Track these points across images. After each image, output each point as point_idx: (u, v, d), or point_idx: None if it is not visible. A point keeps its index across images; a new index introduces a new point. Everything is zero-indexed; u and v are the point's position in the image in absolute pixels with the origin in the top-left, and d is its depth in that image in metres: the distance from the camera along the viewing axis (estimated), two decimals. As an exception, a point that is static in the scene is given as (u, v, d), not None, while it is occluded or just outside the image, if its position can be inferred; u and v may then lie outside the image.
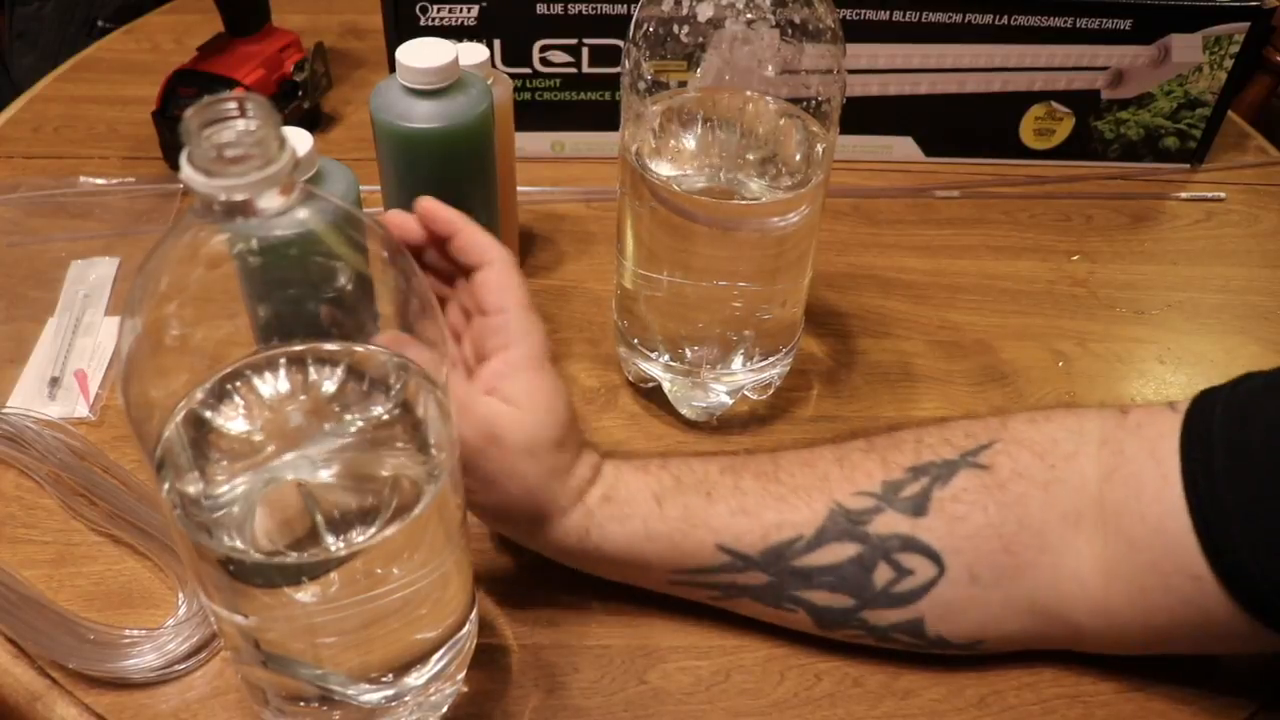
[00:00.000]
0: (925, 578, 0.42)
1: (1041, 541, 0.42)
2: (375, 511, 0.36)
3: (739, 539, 0.43)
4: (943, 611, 0.43)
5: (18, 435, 0.53)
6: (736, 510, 0.43)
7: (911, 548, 0.42)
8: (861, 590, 0.43)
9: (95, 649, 0.45)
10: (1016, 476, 0.42)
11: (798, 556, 0.42)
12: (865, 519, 0.42)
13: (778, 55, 0.48)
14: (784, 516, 0.43)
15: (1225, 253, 0.73)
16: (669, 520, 0.43)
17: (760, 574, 0.43)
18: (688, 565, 0.43)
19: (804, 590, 0.43)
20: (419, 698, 0.41)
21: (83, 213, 0.71)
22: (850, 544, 0.42)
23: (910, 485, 0.43)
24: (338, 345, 0.35)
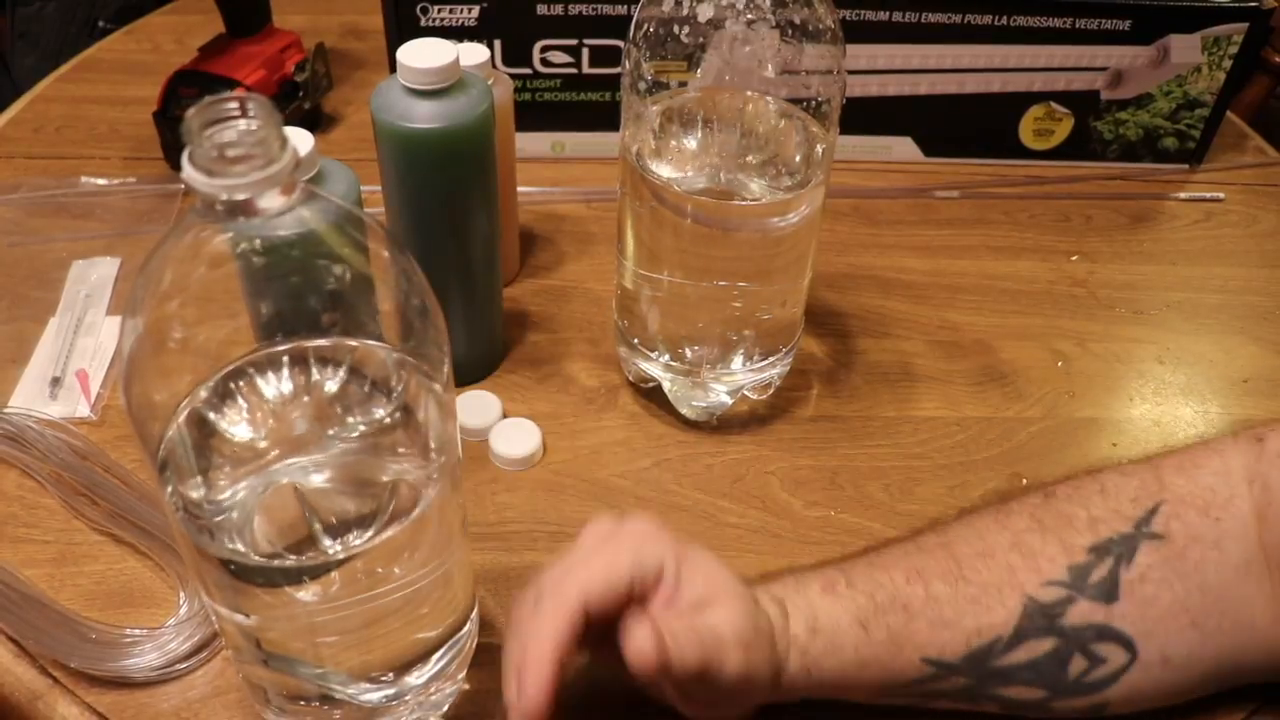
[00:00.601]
0: (1118, 665, 0.41)
1: (1222, 605, 0.41)
2: (374, 515, 0.36)
3: (943, 650, 0.42)
4: (1130, 694, 0.42)
5: (19, 435, 0.53)
6: (937, 622, 0.42)
7: (1106, 636, 0.41)
8: (1056, 682, 0.42)
9: (97, 648, 0.45)
10: (1192, 542, 0.42)
11: (998, 658, 0.42)
12: (1059, 611, 0.41)
13: (778, 56, 0.49)
14: (981, 621, 0.42)
15: (1224, 253, 0.73)
16: (876, 645, 0.42)
17: (962, 679, 0.42)
18: (896, 681, 0.42)
19: (1001, 688, 0.42)
20: (420, 697, 0.41)
21: (84, 213, 0.71)
22: (1047, 639, 0.41)
23: (1096, 569, 0.42)
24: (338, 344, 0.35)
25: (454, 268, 0.55)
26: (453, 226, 0.54)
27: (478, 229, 0.55)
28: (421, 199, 0.53)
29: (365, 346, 0.36)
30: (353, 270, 0.34)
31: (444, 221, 0.54)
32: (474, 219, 0.54)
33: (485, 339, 0.60)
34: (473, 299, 0.57)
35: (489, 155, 0.54)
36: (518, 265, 0.67)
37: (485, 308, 0.59)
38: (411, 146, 0.51)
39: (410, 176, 0.53)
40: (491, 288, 0.58)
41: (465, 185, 0.53)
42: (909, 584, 0.43)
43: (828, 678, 0.42)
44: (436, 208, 0.53)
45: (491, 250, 0.57)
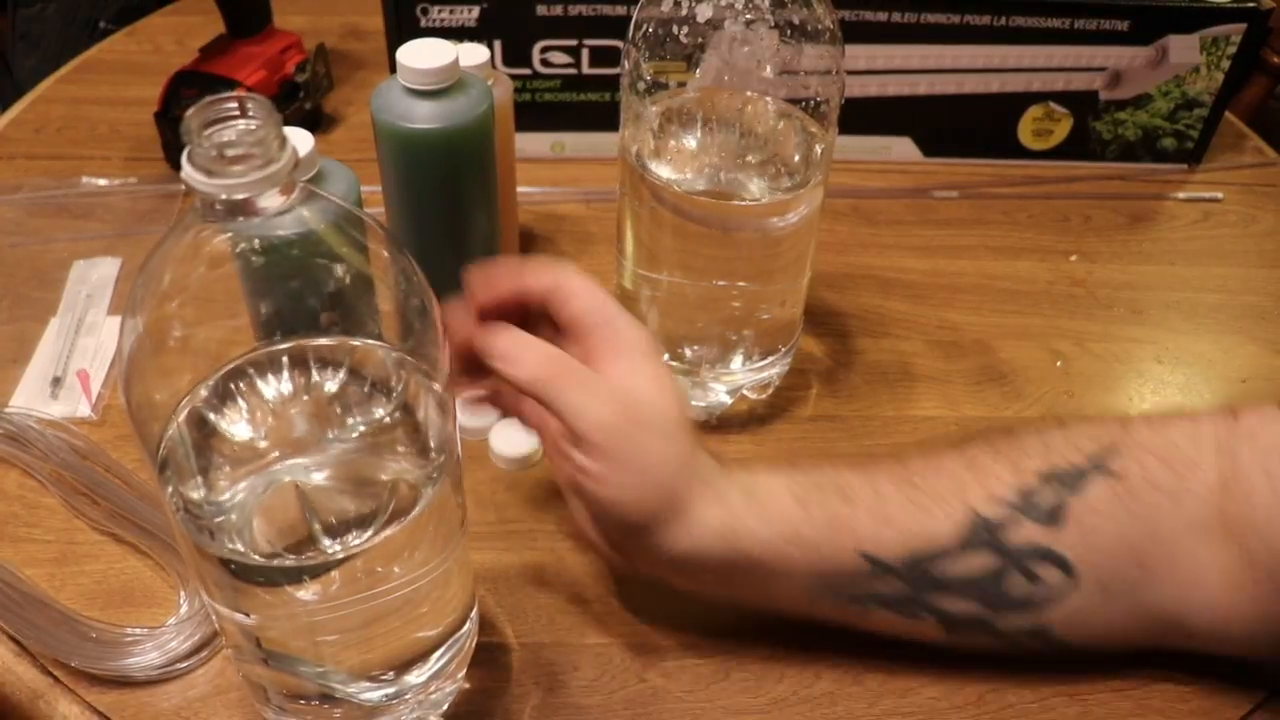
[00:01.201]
0: (1057, 587, 0.42)
1: (1172, 554, 0.41)
2: (373, 515, 0.36)
3: (882, 546, 0.42)
4: (1070, 619, 0.42)
5: (20, 435, 0.54)
6: (879, 517, 0.42)
7: (1046, 558, 0.42)
8: (994, 599, 0.42)
9: (97, 647, 0.45)
10: (1149, 486, 0.42)
11: (938, 566, 0.42)
12: (1002, 529, 0.42)
13: (777, 56, 0.49)
14: (926, 526, 0.42)
15: (1223, 253, 0.73)
16: (814, 524, 0.42)
17: (898, 582, 0.42)
18: (828, 572, 0.42)
19: (939, 598, 0.42)
20: (419, 696, 0.42)
21: (85, 213, 0.71)
22: (988, 554, 0.42)
23: (1044, 493, 0.42)
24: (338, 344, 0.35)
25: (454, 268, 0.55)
26: (453, 226, 0.54)
27: (478, 229, 0.55)
28: (421, 199, 0.53)
29: (365, 346, 0.36)
30: (353, 270, 0.34)
31: (444, 221, 0.54)
32: (474, 219, 0.55)
33: (485, 339, 0.60)
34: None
35: (489, 155, 0.54)
36: (517, 265, 0.67)
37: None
38: (411, 147, 0.51)
39: (410, 176, 0.53)
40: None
41: (465, 185, 0.53)
42: (856, 478, 0.43)
43: (753, 549, 0.41)
44: (436, 208, 0.53)
45: (491, 250, 0.57)
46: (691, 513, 0.41)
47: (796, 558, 0.42)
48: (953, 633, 0.44)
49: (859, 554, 0.42)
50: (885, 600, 0.43)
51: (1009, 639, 0.43)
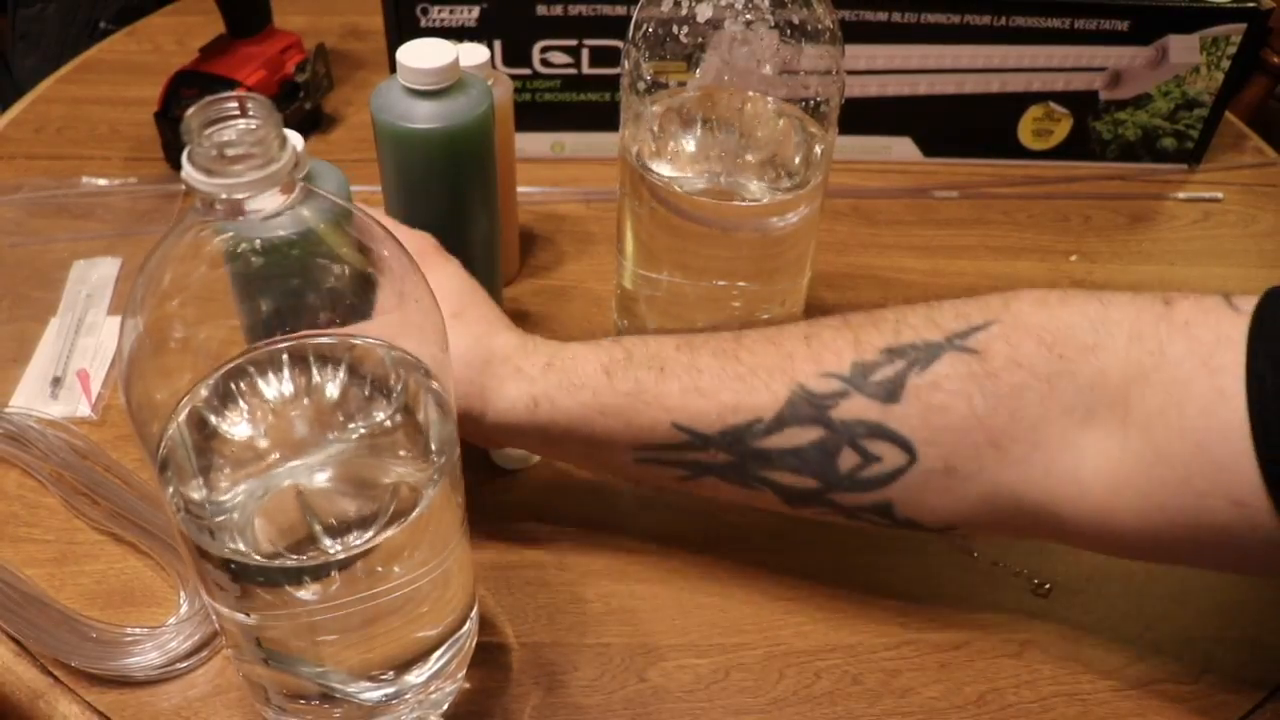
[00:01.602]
0: (893, 465, 0.40)
1: (1036, 436, 0.39)
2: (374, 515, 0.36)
3: (695, 419, 0.41)
4: (913, 497, 0.41)
5: (20, 435, 0.54)
6: (690, 389, 0.41)
7: (879, 435, 0.40)
8: (826, 474, 0.41)
9: (97, 647, 0.45)
10: (1013, 365, 0.39)
11: (757, 439, 0.41)
12: (829, 403, 0.40)
13: (776, 56, 0.49)
14: (741, 399, 0.41)
15: (1222, 253, 0.73)
16: (620, 394, 0.41)
17: (721, 453, 0.41)
18: (645, 441, 0.42)
19: (767, 471, 0.41)
20: (420, 695, 0.42)
21: (85, 213, 0.71)
22: (813, 428, 0.40)
23: (883, 368, 0.40)
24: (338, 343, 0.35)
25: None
26: (453, 226, 0.54)
27: (478, 229, 0.55)
28: (421, 199, 0.54)
29: (365, 347, 0.36)
30: (352, 270, 0.34)
31: (444, 221, 0.54)
32: (474, 219, 0.55)
33: (485, 339, 0.60)
34: (472, 299, 0.57)
35: (489, 155, 0.54)
36: (518, 265, 0.67)
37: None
38: (411, 147, 0.51)
39: (410, 176, 0.53)
40: (491, 288, 0.58)
41: (465, 185, 0.53)
42: (676, 350, 0.43)
43: (559, 419, 0.42)
44: (436, 208, 0.53)
45: (491, 250, 0.57)
46: (495, 392, 0.42)
47: (610, 427, 0.42)
48: (794, 505, 0.43)
49: (672, 425, 0.41)
50: (712, 469, 0.42)
51: (855, 516, 0.42)
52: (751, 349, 0.42)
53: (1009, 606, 0.49)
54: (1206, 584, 0.50)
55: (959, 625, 0.48)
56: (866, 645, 0.47)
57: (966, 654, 0.47)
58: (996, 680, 0.46)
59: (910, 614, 0.48)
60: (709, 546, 0.51)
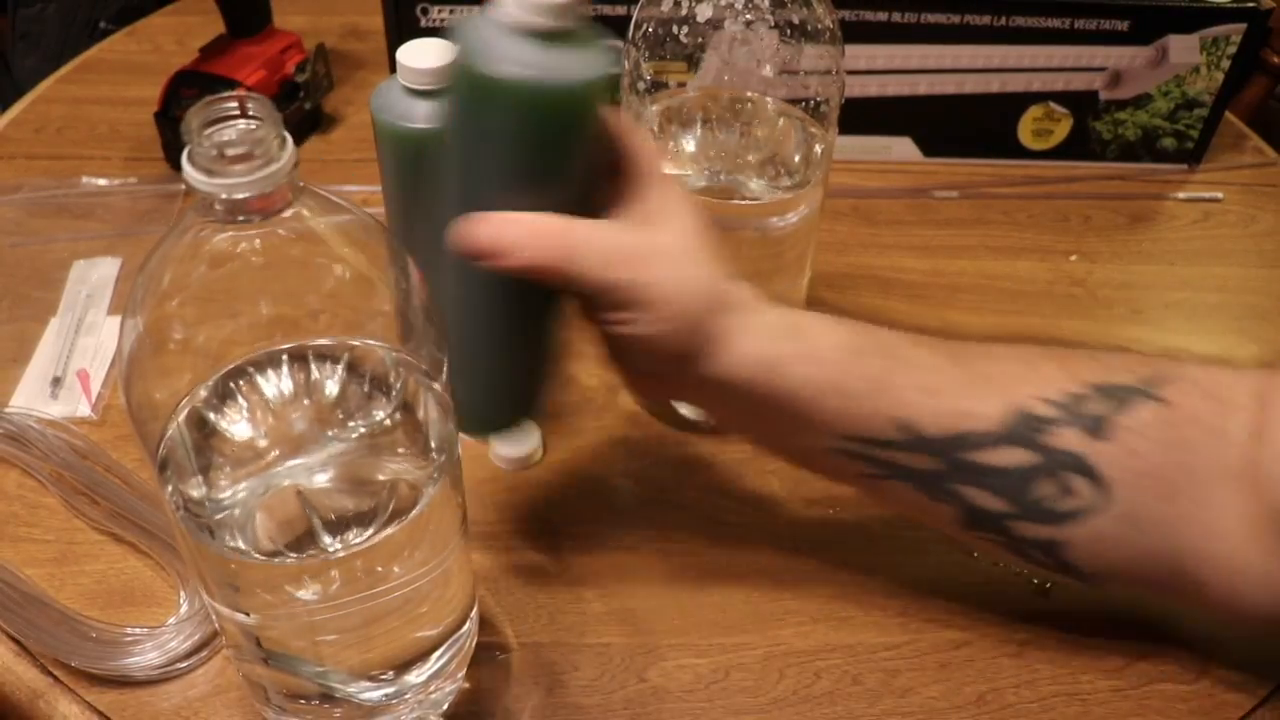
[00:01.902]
0: (1084, 503, 0.40)
1: (1202, 495, 0.39)
2: (374, 514, 0.36)
3: (920, 418, 0.40)
4: (1088, 541, 0.40)
5: (20, 434, 0.54)
6: (924, 387, 0.40)
7: (1082, 470, 0.39)
8: (1020, 499, 0.40)
9: (97, 647, 0.45)
10: (1193, 420, 0.40)
11: (973, 450, 0.40)
12: (1045, 428, 0.40)
13: (776, 56, 0.49)
14: (970, 406, 0.40)
15: (1222, 253, 0.73)
16: (857, 377, 0.40)
17: (929, 459, 0.40)
18: (860, 432, 0.40)
19: (966, 486, 0.40)
20: (419, 695, 0.42)
21: (85, 213, 0.71)
22: (1025, 451, 0.40)
23: (1092, 403, 0.40)
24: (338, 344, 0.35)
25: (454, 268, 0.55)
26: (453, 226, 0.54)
27: (477, 229, 0.55)
28: (421, 199, 0.53)
29: (365, 346, 0.36)
30: (353, 270, 0.34)
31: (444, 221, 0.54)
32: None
33: (485, 339, 0.60)
34: (472, 299, 0.57)
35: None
36: (517, 265, 0.67)
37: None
38: (411, 146, 0.51)
39: (410, 176, 0.53)
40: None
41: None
42: (912, 345, 0.41)
43: (789, 389, 0.39)
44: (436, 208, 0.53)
45: (491, 250, 0.57)
46: (728, 342, 0.39)
47: (832, 408, 0.40)
48: (968, 528, 0.42)
49: (895, 420, 0.40)
50: (912, 475, 0.41)
51: (1021, 549, 0.42)
52: (975, 357, 0.42)
53: (1009, 606, 0.49)
54: (1206, 584, 0.50)
55: (959, 625, 0.48)
56: (866, 645, 0.47)
57: (966, 654, 0.47)
58: (996, 680, 0.46)
59: (910, 614, 0.48)
60: (709, 546, 0.51)
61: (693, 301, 0.39)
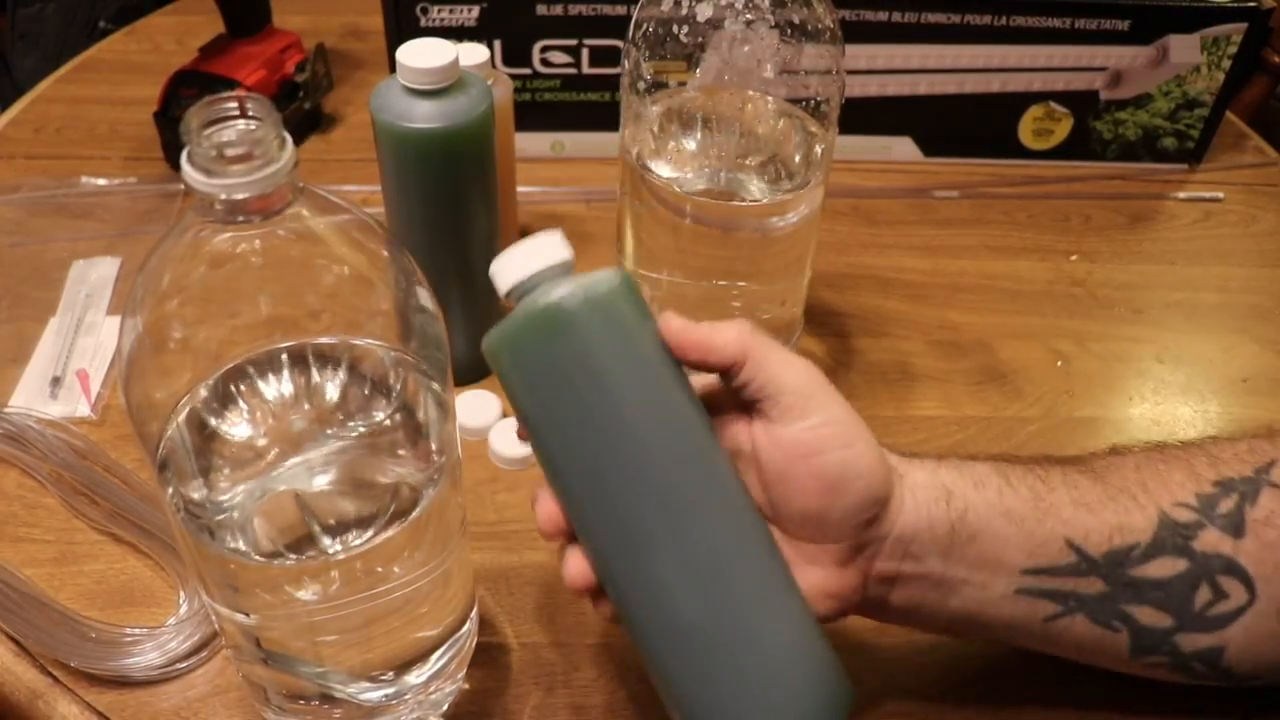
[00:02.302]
0: (1238, 604, 0.39)
1: None
2: (374, 515, 0.36)
3: (1086, 536, 0.39)
4: (1245, 642, 0.40)
5: (20, 435, 0.54)
6: (1078, 503, 0.39)
7: (1231, 571, 0.39)
8: (1182, 610, 0.40)
9: (97, 647, 0.45)
10: None
11: (1134, 565, 0.39)
12: (1191, 534, 0.39)
13: (777, 56, 0.49)
14: (1122, 519, 0.39)
15: (1223, 252, 0.73)
16: (1021, 498, 0.39)
17: (1098, 581, 0.39)
18: (1039, 562, 0.39)
19: (1133, 606, 0.40)
20: (419, 696, 0.42)
21: (84, 213, 0.71)
22: (1179, 559, 0.39)
23: (1224, 501, 0.40)
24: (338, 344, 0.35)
25: (454, 268, 0.55)
26: (453, 226, 0.54)
27: (478, 229, 0.55)
28: (421, 199, 0.53)
29: (365, 347, 0.36)
30: (353, 270, 0.34)
31: (444, 221, 0.54)
32: (474, 219, 0.55)
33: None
34: (473, 299, 0.57)
35: (489, 155, 0.54)
36: (517, 265, 0.67)
37: (485, 308, 0.59)
38: (411, 146, 0.51)
39: (410, 176, 0.53)
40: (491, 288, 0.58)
41: (465, 185, 0.53)
42: (1042, 467, 0.40)
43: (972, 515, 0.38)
44: (436, 208, 0.53)
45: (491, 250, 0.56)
46: (906, 485, 0.38)
47: (1011, 537, 0.38)
48: (1138, 654, 0.41)
49: (1066, 541, 0.39)
50: (1085, 604, 0.40)
51: (1184, 663, 0.41)
52: (1106, 470, 0.41)
53: (1009, 607, 0.49)
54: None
55: (959, 625, 0.48)
56: (867, 646, 0.47)
57: (966, 654, 0.47)
58: (996, 680, 0.46)
59: (910, 614, 0.48)
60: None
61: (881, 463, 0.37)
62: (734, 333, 0.36)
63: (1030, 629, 0.40)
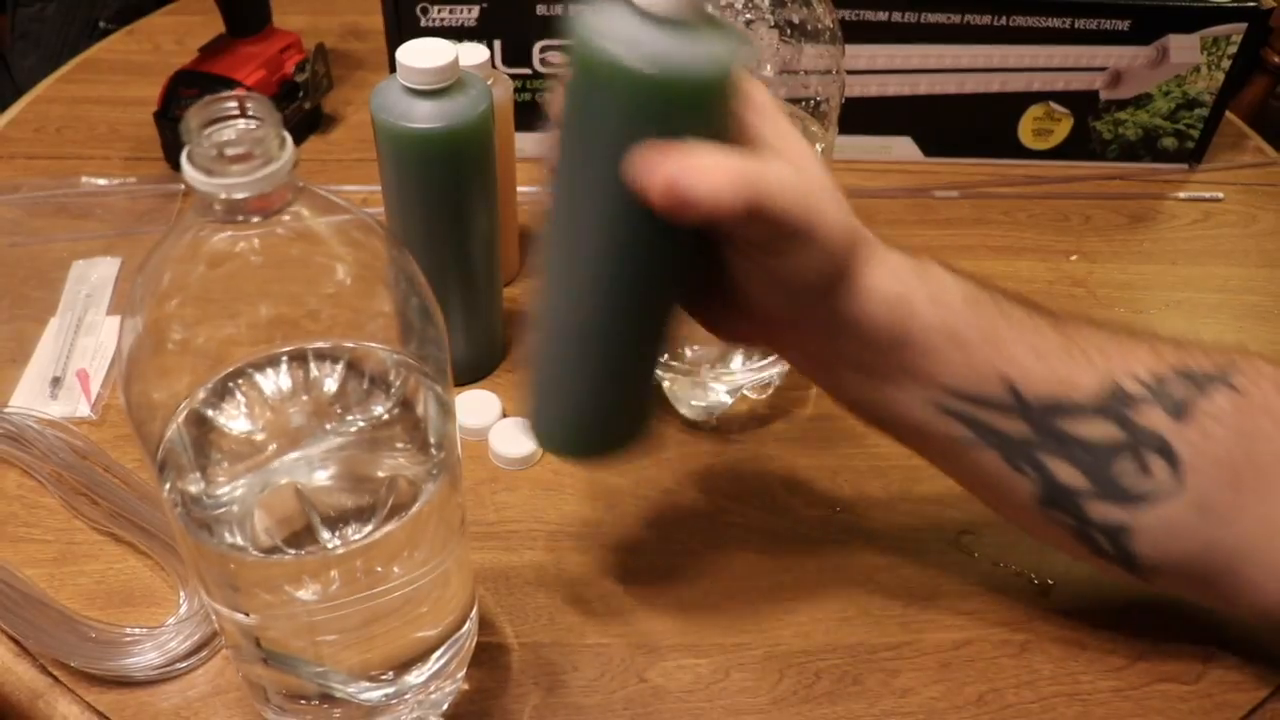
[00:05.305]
0: (1160, 486, 0.39)
1: (1261, 487, 0.39)
2: (373, 511, 0.36)
3: (1024, 379, 0.39)
4: (1156, 529, 0.40)
5: (20, 435, 0.54)
6: (1031, 348, 0.40)
7: (1162, 451, 0.39)
8: (1099, 475, 0.40)
9: (97, 647, 0.45)
10: (1264, 410, 0.39)
11: (1067, 419, 0.39)
12: (1134, 406, 0.39)
13: (776, 55, 0.49)
14: (1072, 374, 0.40)
15: (1223, 252, 0.73)
16: (974, 327, 0.39)
17: (1024, 425, 0.40)
18: (968, 388, 0.39)
19: (1051, 457, 0.40)
20: (419, 696, 0.42)
21: (84, 213, 0.71)
22: (1114, 426, 0.39)
23: (1178, 386, 0.40)
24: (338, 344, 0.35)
25: (454, 268, 0.55)
26: (453, 226, 0.54)
27: (478, 229, 0.55)
28: (421, 199, 0.53)
29: (365, 347, 0.36)
30: (353, 270, 0.34)
31: (444, 221, 0.54)
32: (474, 219, 0.55)
33: (485, 339, 0.60)
34: (473, 299, 0.57)
35: (489, 155, 0.54)
36: (518, 265, 0.67)
37: (485, 308, 0.59)
38: (411, 146, 0.51)
39: (410, 176, 0.53)
40: (491, 288, 0.58)
41: (465, 185, 0.53)
42: (1017, 304, 0.41)
43: (917, 331, 0.39)
44: (436, 208, 0.53)
45: (491, 250, 0.57)
46: (864, 278, 0.38)
47: (948, 357, 0.39)
48: (1044, 505, 0.41)
49: (1003, 379, 0.39)
50: (1002, 442, 0.40)
51: (1088, 532, 0.41)
52: (1074, 327, 0.41)
53: (1009, 607, 0.49)
54: (1207, 584, 0.50)
55: (959, 625, 0.48)
56: (866, 645, 0.47)
57: (967, 654, 0.47)
58: (996, 680, 0.46)
59: (910, 614, 0.48)
60: (709, 546, 0.51)
61: (845, 234, 0.38)
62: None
63: (941, 447, 0.42)
